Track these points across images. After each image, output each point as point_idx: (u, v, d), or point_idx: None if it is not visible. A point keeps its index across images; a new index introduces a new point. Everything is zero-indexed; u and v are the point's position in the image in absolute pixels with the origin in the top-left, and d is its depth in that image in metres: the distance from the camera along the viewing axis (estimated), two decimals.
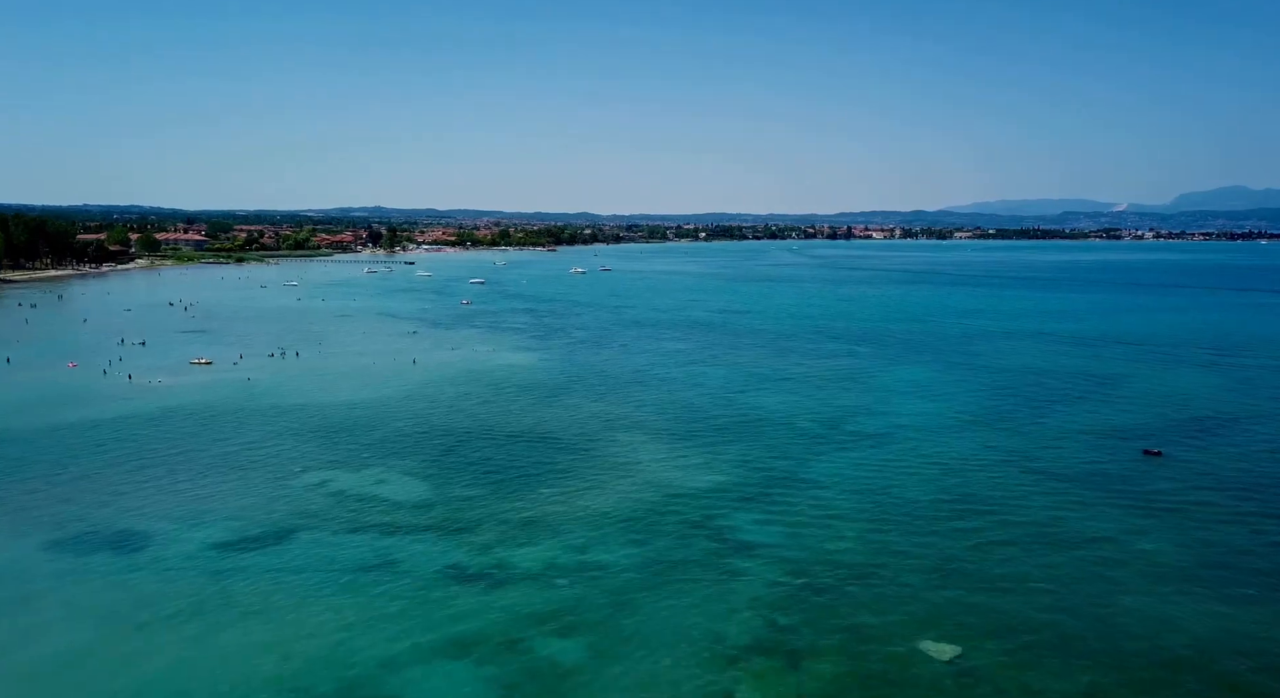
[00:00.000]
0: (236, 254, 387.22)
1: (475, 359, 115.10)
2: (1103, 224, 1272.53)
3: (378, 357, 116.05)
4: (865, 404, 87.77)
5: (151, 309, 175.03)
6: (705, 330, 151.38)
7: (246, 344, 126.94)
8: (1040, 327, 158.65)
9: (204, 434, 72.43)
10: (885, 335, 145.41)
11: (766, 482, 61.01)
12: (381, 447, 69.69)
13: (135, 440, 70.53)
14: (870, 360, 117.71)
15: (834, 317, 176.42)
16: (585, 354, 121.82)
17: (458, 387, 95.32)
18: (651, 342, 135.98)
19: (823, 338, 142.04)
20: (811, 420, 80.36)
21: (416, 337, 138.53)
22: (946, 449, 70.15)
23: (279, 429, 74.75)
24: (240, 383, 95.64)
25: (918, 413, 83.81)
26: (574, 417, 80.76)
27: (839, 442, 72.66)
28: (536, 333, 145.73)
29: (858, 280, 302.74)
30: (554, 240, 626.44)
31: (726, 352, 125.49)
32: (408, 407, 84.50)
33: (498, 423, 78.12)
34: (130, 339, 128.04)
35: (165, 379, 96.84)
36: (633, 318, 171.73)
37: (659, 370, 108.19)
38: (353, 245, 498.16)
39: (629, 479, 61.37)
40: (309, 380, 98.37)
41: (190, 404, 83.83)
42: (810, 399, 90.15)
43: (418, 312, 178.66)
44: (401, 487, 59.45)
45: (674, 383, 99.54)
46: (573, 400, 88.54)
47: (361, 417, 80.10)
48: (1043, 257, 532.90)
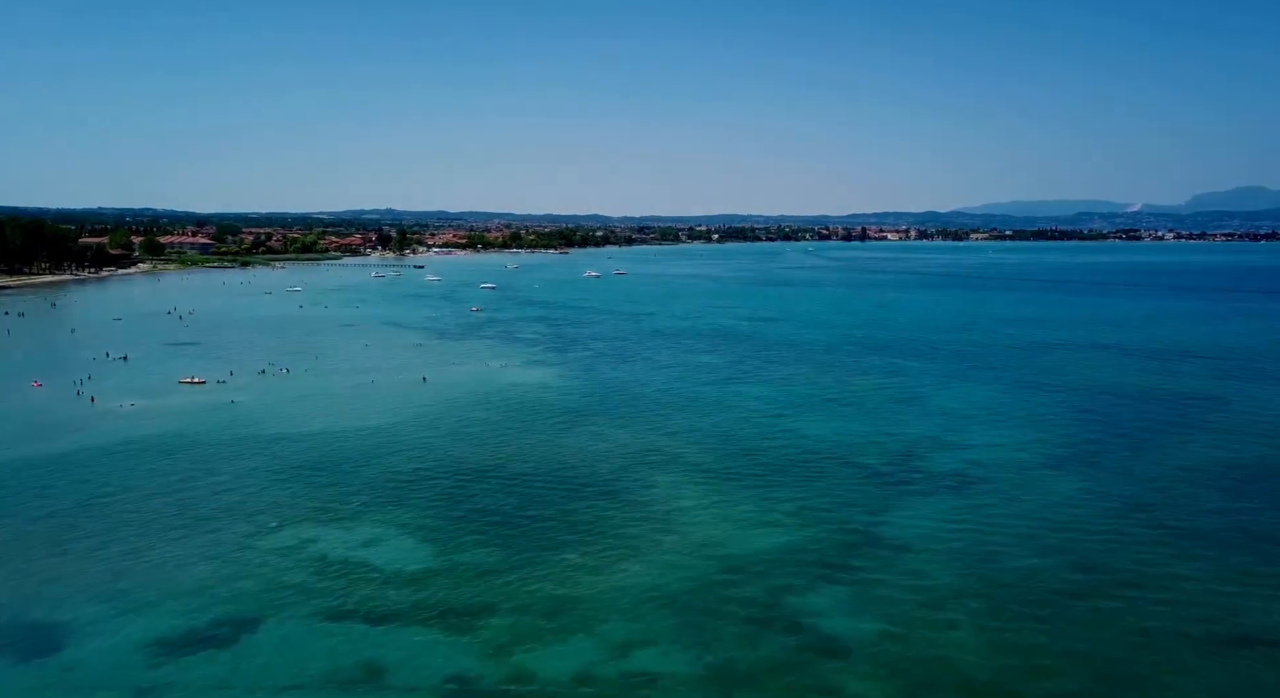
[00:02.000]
0: (242, 258, 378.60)
1: (485, 376, 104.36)
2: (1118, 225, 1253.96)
3: (378, 373, 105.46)
4: (931, 433, 76.45)
5: (145, 318, 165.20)
6: (733, 341, 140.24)
7: (239, 358, 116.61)
8: (1095, 336, 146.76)
9: (165, 476, 61.74)
10: (930, 347, 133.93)
11: (840, 544, 49.87)
12: (376, 490, 58.93)
13: (78, 486, 59.77)
14: (922, 377, 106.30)
15: (869, 325, 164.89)
16: (605, 369, 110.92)
17: (465, 410, 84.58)
18: (676, 354, 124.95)
19: (862, 349, 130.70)
20: (874, 454, 69.15)
21: (422, 349, 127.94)
22: (1045, 496, 58.85)
23: (256, 467, 64.07)
24: (221, 406, 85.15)
25: (995, 445, 72.44)
26: (598, 448, 69.82)
27: (913, 485, 61.44)
28: (552, 344, 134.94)
29: (884, 284, 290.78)
30: (566, 243, 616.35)
31: (760, 366, 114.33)
32: (408, 436, 73.74)
33: (511, 457, 67.27)
34: (114, 353, 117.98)
35: (138, 402, 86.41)
36: (653, 326, 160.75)
37: (688, 389, 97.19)
38: (362, 248, 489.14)
39: (670, 538, 50.38)
40: (299, 403, 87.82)
41: (157, 435, 73.25)
42: (866, 426, 78.91)
43: (425, 320, 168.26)
44: (396, 549, 48.64)
45: (707, 404, 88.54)
46: (595, 426, 77.63)
47: (354, 449, 69.39)
48: (1069, 258, 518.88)
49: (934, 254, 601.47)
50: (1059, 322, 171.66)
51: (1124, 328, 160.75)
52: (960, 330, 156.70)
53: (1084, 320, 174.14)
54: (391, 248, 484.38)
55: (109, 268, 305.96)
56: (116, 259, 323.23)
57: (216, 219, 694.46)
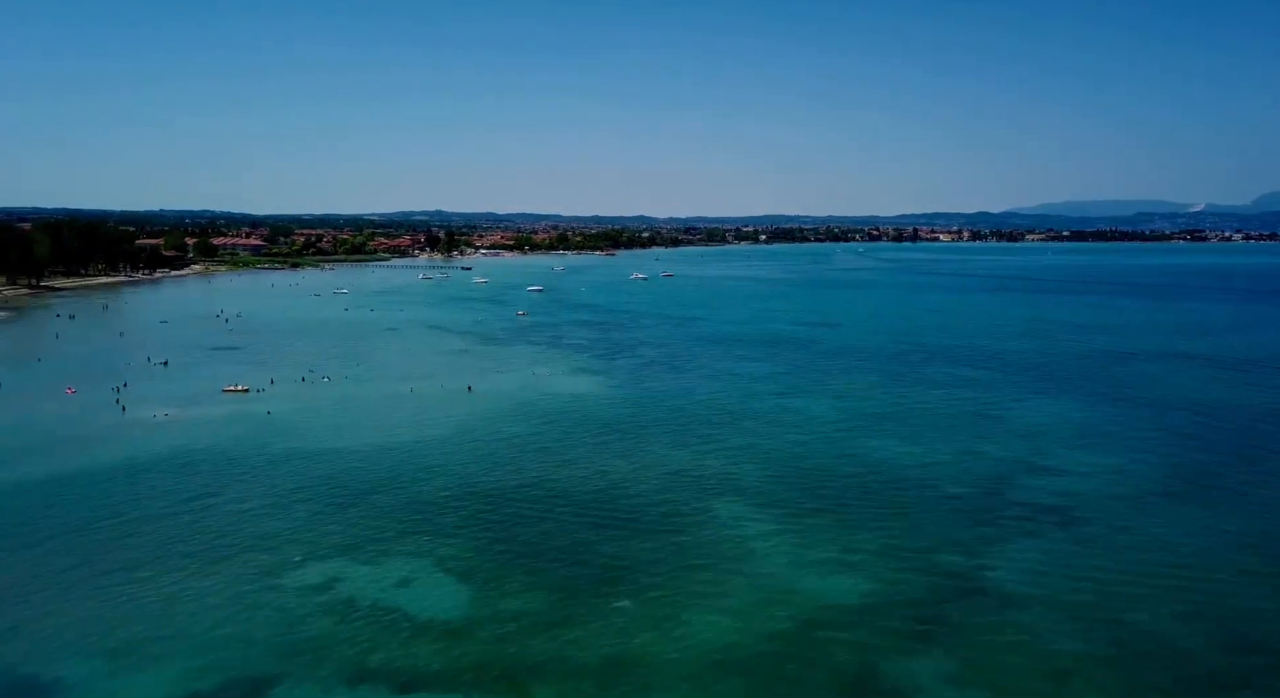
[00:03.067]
0: (292, 259, 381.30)
1: (532, 385, 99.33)
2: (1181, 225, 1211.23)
3: (420, 381, 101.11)
4: (1018, 456, 69.20)
5: (192, 321, 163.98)
6: (791, 348, 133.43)
7: (280, 364, 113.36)
8: (1178, 345, 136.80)
9: (184, 497, 57.44)
10: (997, 355, 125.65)
11: (936, 593, 43.36)
12: (411, 518, 53.91)
13: (85, 506, 55.67)
14: (995, 390, 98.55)
15: (932, 331, 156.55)
16: (657, 379, 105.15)
17: (509, 425, 79.50)
18: (732, 362, 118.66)
19: (925, 358, 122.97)
20: (958, 481, 62.26)
21: (466, 355, 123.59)
22: (1166, 534, 51.54)
23: (285, 487, 59.57)
24: (255, 417, 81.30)
25: (1095, 471, 64.98)
26: (652, 473, 64.05)
27: (1009, 519, 54.49)
28: (600, 351, 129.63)
29: (941, 287, 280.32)
30: (612, 244, 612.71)
31: (822, 377, 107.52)
32: (447, 453, 68.80)
33: (558, 479, 61.86)
34: (155, 358, 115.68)
35: (171, 411, 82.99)
36: (705, 332, 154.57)
37: (748, 403, 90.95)
38: (410, 250, 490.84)
39: (738, 583, 44.39)
40: (336, 414, 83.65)
41: (184, 448, 69.33)
42: (944, 447, 71.89)
43: (470, 324, 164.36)
44: (432, 593, 43.41)
45: (769, 421, 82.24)
46: (649, 446, 71.89)
47: (391, 468, 64.63)
48: (1134, 260, 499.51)
49: (989, 256, 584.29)
50: (1135, 329, 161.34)
51: (1212, 335, 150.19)
52: (1027, 337, 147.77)
53: (1163, 327, 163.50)
54: (439, 250, 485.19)
55: (163, 269, 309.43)
56: (170, 261, 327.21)
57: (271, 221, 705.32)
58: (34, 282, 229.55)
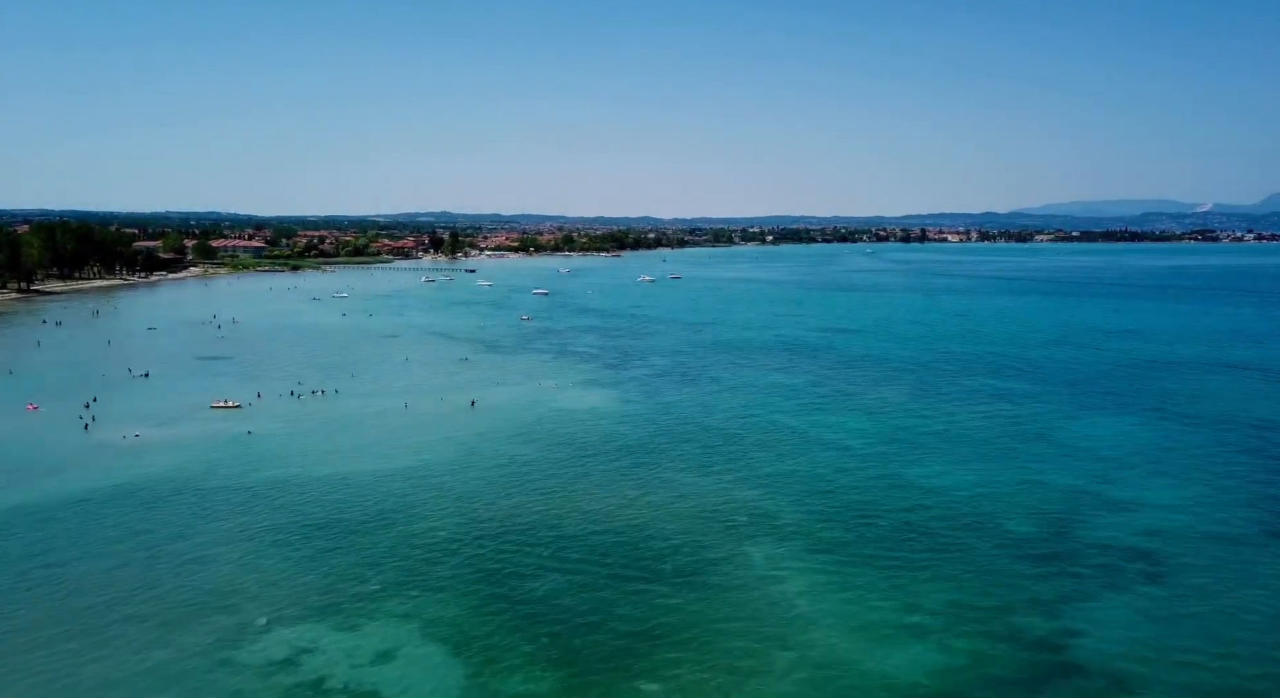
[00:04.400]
0: (293, 261, 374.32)
1: (537, 400, 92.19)
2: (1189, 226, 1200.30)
3: (418, 395, 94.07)
4: (1084, 486, 61.80)
5: (182, 327, 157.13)
6: (810, 356, 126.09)
7: (270, 376, 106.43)
8: (1222, 353, 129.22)
9: (138, 540, 50.28)
10: (1031, 364, 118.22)
11: (1022, 668, 36.07)
12: (399, 567, 46.76)
13: (20, 556, 48.25)
14: (1038, 404, 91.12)
15: (954, 337, 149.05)
16: (672, 392, 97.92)
17: (514, 446, 72.36)
18: (750, 372, 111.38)
19: (955, 367, 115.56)
20: (1022, 518, 54.91)
21: (468, 365, 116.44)
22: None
23: (257, 529, 52.44)
24: (235, 439, 74.24)
25: (1176, 505, 57.55)
26: (675, 508, 56.83)
27: (1094, 569, 47.10)
28: (609, 360, 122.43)
29: (958, 290, 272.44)
30: (618, 245, 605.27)
31: (848, 388, 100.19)
32: (444, 484, 61.68)
33: (569, 518, 54.67)
34: (136, 369, 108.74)
35: (144, 431, 75.96)
36: (718, 338, 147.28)
37: (767, 418, 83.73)
38: (414, 251, 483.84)
39: (784, 657, 37.16)
40: (324, 435, 76.59)
41: (149, 478, 62.22)
42: (1001, 474, 64.54)
43: (473, 330, 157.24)
44: (417, 671, 36.23)
45: (793, 440, 75.00)
46: (669, 473, 64.68)
47: (379, 501, 57.52)
48: (1150, 261, 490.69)
49: (1000, 257, 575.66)
50: (1170, 334, 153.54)
51: (1255, 342, 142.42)
52: (1059, 344, 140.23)
53: (1200, 333, 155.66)
54: (443, 251, 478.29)
55: (160, 272, 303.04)
56: (168, 263, 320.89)
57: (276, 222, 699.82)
58: (24, 285, 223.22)
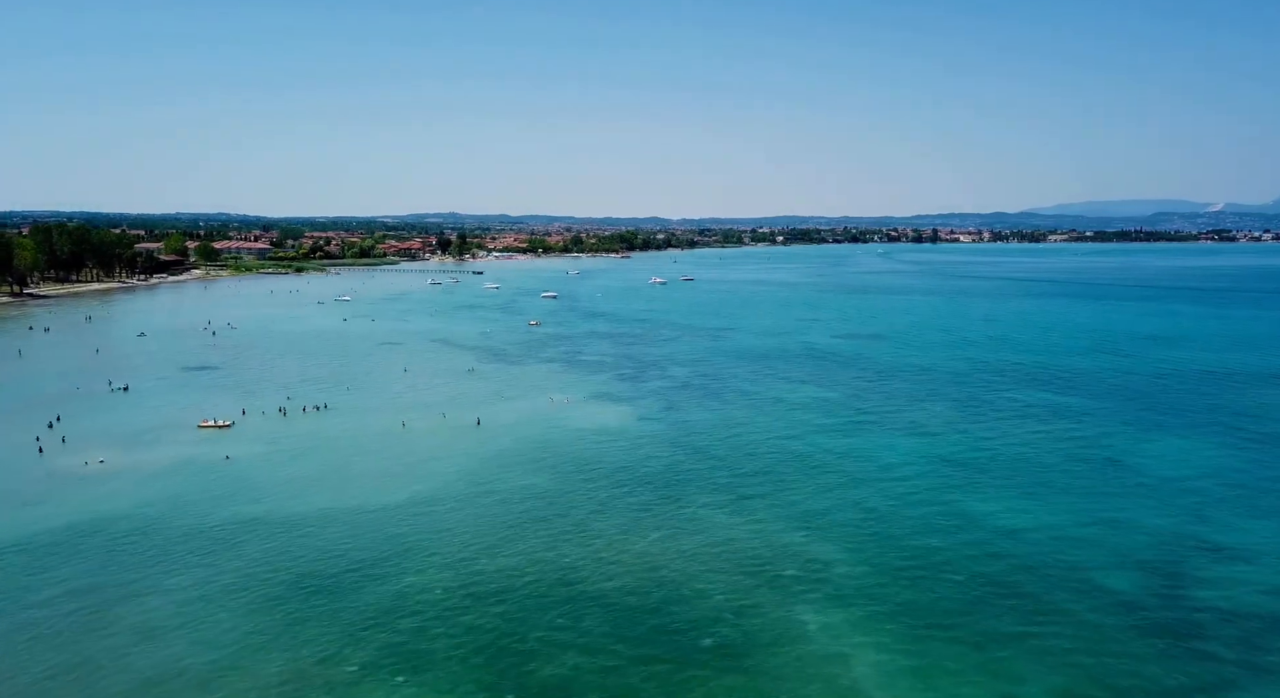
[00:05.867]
0: (296, 264, 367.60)
1: (546, 418, 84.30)
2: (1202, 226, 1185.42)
3: (417, 412, 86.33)
4: (1184, 527, 53.47)
5: (173, 334, 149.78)
6: (838, 365, 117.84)
7: (262, 388, 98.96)
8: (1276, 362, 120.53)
9: (78, 601, 42.53)
10: (1084, 377, 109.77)
11: None
12: (381, 643, 38.87)
13: None
14: (1102, 423, 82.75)
15: (990, 344, 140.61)
16: (693, 408, 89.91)
17: (522, 475, 64.49)
18: (776, 384, 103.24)
19: (1000, 378, 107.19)
20: (1120, 570, 46.70)
21: (473, 377, 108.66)
22: None
23: (218, 586, 44.59)
24: (212, 466, 66.56)
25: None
26: (707, 556, 48.82)
27: (1224, 642, 38.93)
28: (623, 370, 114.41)
29: (979, 293, 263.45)
30: (627, 246, 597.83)
31: (883, 404, 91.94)
32: (440, 527, 53.78)
33: (582, 573, 46.71)
34: (117, 382, 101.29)
35: (110, 456, 68.31)
36: (738, 346, 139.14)
37: (802, 439, 75.62)
38: (421, 253, 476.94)
39: None
40: (312, 460, 68.84)
41: (102, 515, 54.51)
42: (1079, 510, 56.29)
43: (479, 337, 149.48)
44: None
45: (834, 467, 66.89)
46: (697, 510, 56.69)
47: (366, 550, 49.68)
48: (1171, 262, 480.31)
49: (1016, 257, 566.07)
50: (1225, 341, 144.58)
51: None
52: (1101, 352, 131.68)
53: (1257, 340, 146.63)
54: (451, 253, 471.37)
55: (161, 275, 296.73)
56: (169, 265, 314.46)
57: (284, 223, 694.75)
58: (18, 289, 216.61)
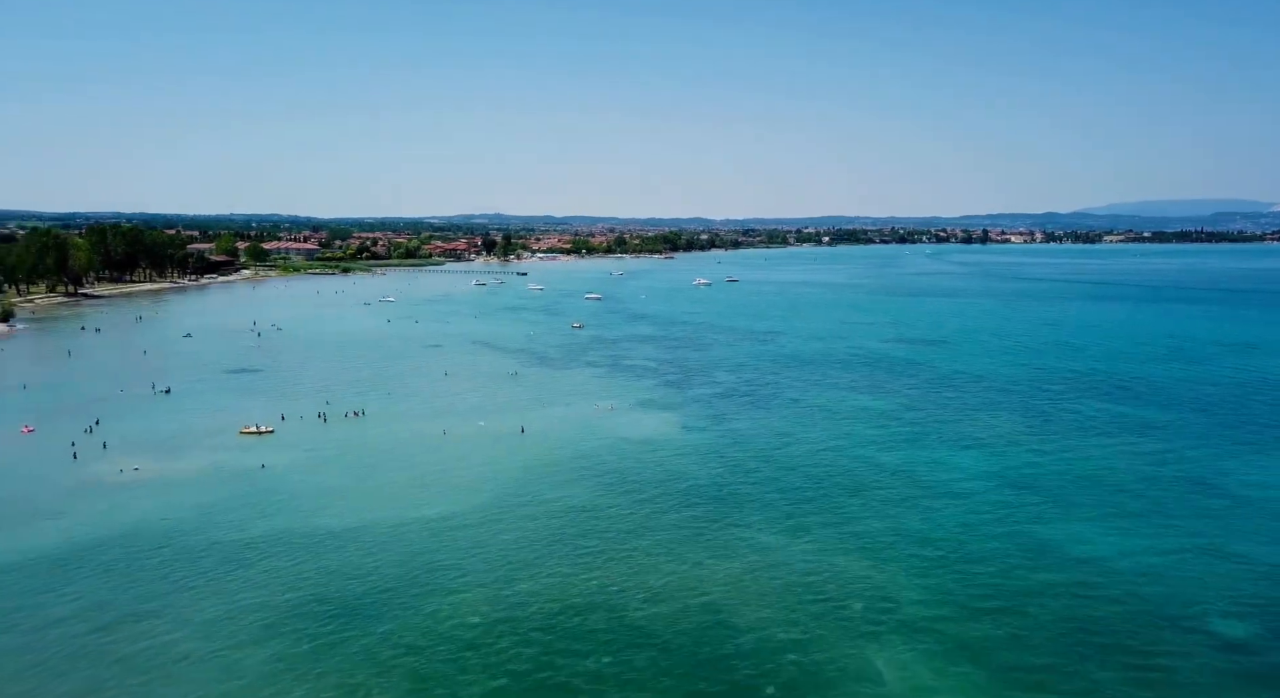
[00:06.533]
0: (343, 264, 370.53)
1: (590, 426, 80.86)
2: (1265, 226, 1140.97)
3: (458, 418, 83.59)
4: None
5: (220, 334, 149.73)
6: (893, 372, 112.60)
7: (302, 392, 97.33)
8: None
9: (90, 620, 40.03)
10: (1157, 386, 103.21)
11: None
12: (411, 676, 35.68)
13: None
14: (1189, 438, 76.81)
15: (1056, 351, 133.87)
16: (742, 417, 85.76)
17: (565, 489, 61.10)
18: (828, 392, 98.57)
19: (1069, 388, 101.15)
20: (1235, 612, 41.82)
21: (515, 381, 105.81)
22: None
23: (239, 607, 41.81)
24: (247, 475, 64.33)
25: None
26: (764, 585, 44.81)
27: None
28: (668, 376, 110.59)
29: (1037, 295, 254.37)
30: (670, 247, 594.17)
31: (946, 414, 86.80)
32: (478, 545, 50.56)
33: (629, 602, 43.03)
34: (160, 384, 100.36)
35: (145, 463, 66.45)
36: (787, 350, 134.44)
37: (868, 456, 71.02)
38: (466, 254, 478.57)
39: None
40: (348, 470, 66.27)
41: (131, 527, 52.24)
42: (1174, 538, 51.09)
43: (522, 339, 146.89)
44: None
45: (902, 487, 62.29)
46: (748, 530, 52.70)
47: (398, 572, 46.63)
48: (1240, 264, 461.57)
49: (1072, 258, 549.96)
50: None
51: None
52: (1175, 360, 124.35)
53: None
54: (495, 253, 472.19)
55: (211, 275, 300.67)
56: (219, 266, 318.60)
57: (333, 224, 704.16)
58: (73, 289, 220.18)
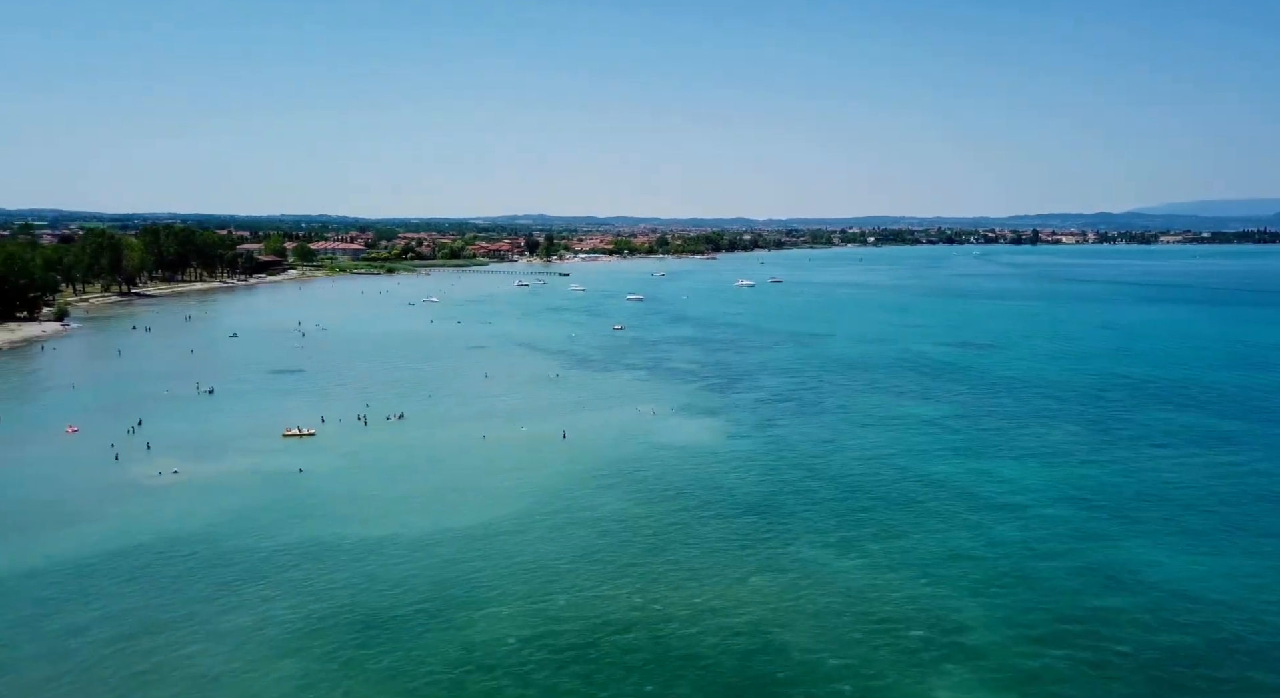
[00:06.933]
0: (388, 264, 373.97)
1: (632, 432, 78.79)
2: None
3: (498, 422, 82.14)
4: None
5: (265, 334, 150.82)
6: (946, 378, 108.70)
7: (343, 393, 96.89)
8: None
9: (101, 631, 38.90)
10: (1233, 395, 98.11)
11: None
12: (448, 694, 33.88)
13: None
14: (1267, 450, 72.15)
15: (1115, 356, 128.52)
16: (788, 424, 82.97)
17: (602, 499, 59.09)
18: (878, 399, 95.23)
19: (1132, 396, 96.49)
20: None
21: (556, 384, 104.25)
22: None
23: (265, 626, 40.45)
24: (284, 480, 63.46)
25: None
26: (815, 607, 42.23)
27: None
28: (711, 379, 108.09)
29: (1092, 297, 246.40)
30: (713, 247, 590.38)
31: (1003, 423, 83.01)
32: (515, 558, 48.72)
33: (672, 622, 40.81)
34: (204, 384, 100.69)
35: (183, 466, 65.97)
36: (833, 354, 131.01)
37: (919, 466, 67.84)
38: (509, 254, 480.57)
39: None
40: (386, 476, 65.06)
41: (165, 532, 51.34)
42: (1261, 563, 47.31)
43: (563, 341, 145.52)
44: None
45: (959, 502, 59.09)
46: (797, 546, 50.11)
47: (432, 584, 44.96)
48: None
49: (1128, 259, 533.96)
50: None
51: None
52: (1249, 367, 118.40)
53: None
54: (538, 254, 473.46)
55: (260, 275, 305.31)
56: (268, 265, 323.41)
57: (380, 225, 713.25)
58: (126, 288, 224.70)
